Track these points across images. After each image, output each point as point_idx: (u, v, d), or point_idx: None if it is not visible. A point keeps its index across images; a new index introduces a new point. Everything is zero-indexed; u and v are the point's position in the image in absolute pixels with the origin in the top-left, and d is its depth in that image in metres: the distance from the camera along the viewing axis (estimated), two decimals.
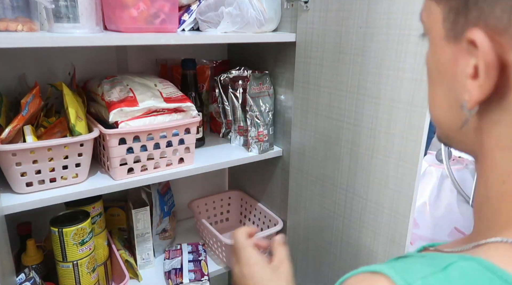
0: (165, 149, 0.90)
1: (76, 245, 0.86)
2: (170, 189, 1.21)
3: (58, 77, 1.00)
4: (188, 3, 0.95)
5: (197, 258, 1.12)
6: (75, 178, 0.82)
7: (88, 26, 0.74)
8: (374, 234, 0.90)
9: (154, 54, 1.15)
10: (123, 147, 0.84)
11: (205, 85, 1.19)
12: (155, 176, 0.90)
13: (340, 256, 1.01)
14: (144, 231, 1.07)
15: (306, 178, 1.06)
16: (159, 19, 0.81)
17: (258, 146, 1.06)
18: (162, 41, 0.80)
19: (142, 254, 1.09)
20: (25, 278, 0.82)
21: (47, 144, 0.76)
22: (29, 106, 0.78)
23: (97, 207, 0.95)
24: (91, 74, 1.02)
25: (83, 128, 0.80)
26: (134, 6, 0.77)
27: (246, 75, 1.10)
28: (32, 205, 0.76)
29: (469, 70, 0.30)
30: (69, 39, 0.70)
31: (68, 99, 0.80)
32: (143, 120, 0.86)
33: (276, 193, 1.19)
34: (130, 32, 0.78)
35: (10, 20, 0.71)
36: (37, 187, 0.78)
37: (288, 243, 1.19)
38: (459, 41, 0.31)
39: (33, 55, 0.97)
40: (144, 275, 1.07)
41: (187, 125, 0.92)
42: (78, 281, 0.89)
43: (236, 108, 1.10)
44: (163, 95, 0.90)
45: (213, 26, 0.93)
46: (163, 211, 1.13)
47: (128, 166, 0.86)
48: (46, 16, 0.75)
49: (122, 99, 0.85)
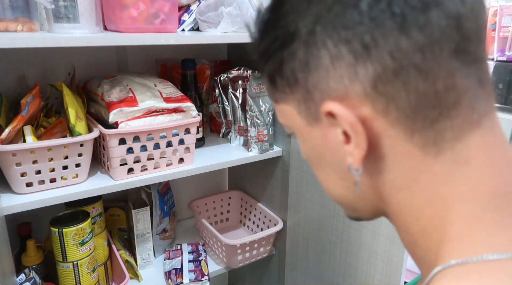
0: (165, 149, 0.90)
1: (76, 245, 0.86)
2: (170, 189, 1.21)
3: (58, 77, 1.00)
4: (188, 3, 0.95)
5: (197, 258, 1.12)
6: (75, 178, 0.82)
7: (88, 26, 0.74)
8: (374, 234, 0.90)
9: (154, 54, 1.15)
10: (123, 147, 0.84)
11: (205, 85, 1.19)
12: (155, 176, 0.90)
13: (340, 256, 1.01)
14: (144, 231, 1.07)
15: (306, 178, 1.06)
16: (159, 19, 0.81)
17: (258, 146, 1.06)
18: (162, 41, 0.79)
19: (142, 254, 1.09)
20: (25, 279, 0.82)
21: (47, 144, 0.76)
22: (29, 107, 0.78)
23: (97, 207, 0.95)
24: (91, 74, 1.02)
25: (83, 129, 0.80)
26: (134, 6, 0.77)
27: (246, 75, 1.10)
28: (32, 205, 0.76)
29: (341, 138, 0.33)
30: (69, 39, 0.70)
31: (68, 100, 0.80)
32: (143, 120, 0.86)
33: (276, 193, 1.19)
34: (130, 32, 0.78)
35: (10, 20, 0.70)
36: (37, 187, 0.78)
37: (288, 243, 1.19)
38: (320, 121, 0.35)
39: (33, 55, 0.97)
40: (144, 275, 1.07)
41: (187, 125, 0.92)
42: (78, 281, 0.89)
43: (236, 108, 1.10)
44: (163, 95, 0.90)
45: (213, 26, 0.93)
46: (163, 211, 1.13)
47: (128, 166, 0.86)
48: (46, 16, 0.75)
49: (122, 100, 0.85)
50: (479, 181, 0.31)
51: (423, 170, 0.32)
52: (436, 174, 0.32)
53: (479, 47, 0.31)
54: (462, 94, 0.31)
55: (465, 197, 0.31)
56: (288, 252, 1.19)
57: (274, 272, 1.28)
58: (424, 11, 0.29)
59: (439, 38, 0.29)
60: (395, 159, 0.33)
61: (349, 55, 0.31)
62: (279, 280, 1.27)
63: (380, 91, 0.31)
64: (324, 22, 0.31)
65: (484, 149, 0.32)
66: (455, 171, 0.32)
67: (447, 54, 0.30)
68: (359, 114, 0.32)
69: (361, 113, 0.32)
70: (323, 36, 0.31)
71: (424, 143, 0.32)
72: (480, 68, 0.31)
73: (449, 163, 0.32)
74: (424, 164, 0.32)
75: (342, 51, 0.31)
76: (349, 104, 0.32)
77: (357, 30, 0.30)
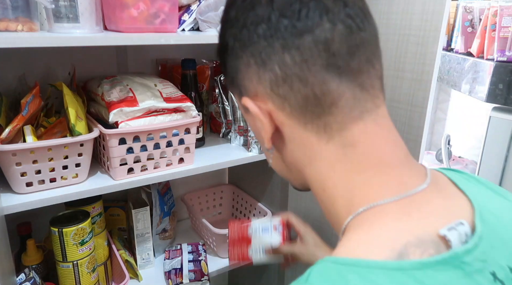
0: (165, 149, 0.90)
1: (76, 245, 0.86)
2: (170, 189, 1.21)
3: (58, 77, 1.00)
4: (188, 3, 0.95)
5: (197, 258, 1.12)
6: (75, 178, 0.82)
7: (88, 26, 0.74)
8: None
9: (154, 54, 1.15)
10: (123, 147, 0.84)
11: (205, 85, 1.19)
12: (155, 176, 0.90)
13: None
14: (144, 231, 1.07)
15: None
16: (159, 19, 0.81)
17: (258, 146, 1.06)
18: (162, 41, 0.79)
19: (142, 254, 1.09)
20: (25, 278, 0.82)
21: (47, 143, 0.76)
22: (29, 106, 0.78)
23: (97, 207, 0.95)
24: (91, 74, 1.02)
25: (83, 128, 0.80)
26: (134, 6, 0.77)
27: None
28: (32, 205, 0.76)
29: (259, 125, 0.44)
30: (69, 39, 0.70)
31: (68, 99, 0.80)
32: (143, 120, 0.86)
33: (276, 193, 1.19)
34: (130, 32, 0.78)
35: (10, 20, 0.70)
36: (37, 187, 0.78)
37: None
38: (249, 112, 0.45)
39: (33, 55, 0.97)
40: (144, 275, 1.07)
41: (187, 125, 0.92)
42: (78, 281, 0.89)
43: (236, 108, 1.10)
44: (163, 95, 0.90)
45: (213, 26, 0.93)
46: (163, 211, 1.13)
47: (128, 166, 0.86)
48: (46, 16, 0.75)
49: (122, 99, 0.85)
50: (364, 157, 0.41)
51: (319, 150, 0.42)
52: (331, 153, 0.42)
53: (352, 62, 0.39)
54: (337, 97, 0.40)
55: (356, 169, 0.41)
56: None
57: (274, 272, 1.28)
58: (299, 37, 0.38)
59: (310, 55, 0.39)
60: (296, 142, 0.44)
61: (255, 65, 0.42)
62: (279, 280, 1.27)
63: (276, 92, 0.41)
64: (239, 39, 0.42)
65: (367, 136, 0.41)
66: (345, 151, 0.41)
67: (319, 67, 0.39)
68: (266, 108, 0.43)
69: (267, 107, 0.43)
70: (239, 50, 0.42)
71: (317, 131, 0.42)
72: (359, 77, 0.40)
73: (339, 145, 0.41)
74: (319, 146, 0.42)
75: (250, 61, 0.42)
76: (259, 100, 0.43)
77: (257, 49, 0.41)
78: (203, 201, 1.36)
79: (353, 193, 0.41)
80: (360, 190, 0.41)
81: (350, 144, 0.41)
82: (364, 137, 0.41)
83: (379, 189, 0.40)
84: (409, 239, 0.36)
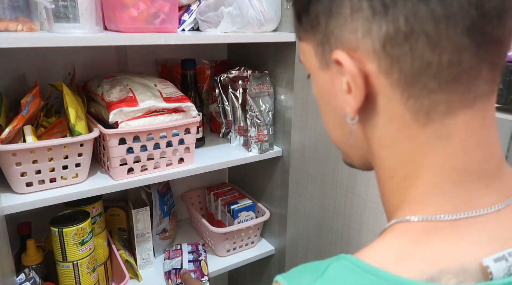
0: (165, 149, 0.90)
1: (76, 245, 0.86)
2: (170, 189, 1.21)
3: (58, 77, 1.00)
4: (188, 3, 0.95)
5: (197, 258, 1.12)
6: (75, 178, 0.82)
7: (88, 26, 0.74)
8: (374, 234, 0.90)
9: (154, 54, 1.15)
10: (123, 147, 0.84)
11: (205, 85, 1.19)
12: (155, 176, 0.90)
13: None
14: (144, 231, 1.07)
15: (306, 178, 1.06)
16: (159, 19, 0.81)
17: (258, 146, 1.06)
18: (162, 41, 0.80)
19: (142, 254, 1.09)
20: (25, 278, 0.82)
21: (47, 143, 0.76)
22: (29, 106, 0.78)
23: (97, 207, 0.95)
24: (91, 74, 1.02)
25: (83, 128, 0.80)
26: (134, 6, 0.77)
27: (246, 75, 1.10)
28: (32, 205, 0.76)
29: (344, 87, 0.35)
30: (69, 39, 0.70)
31: (68, 99, 0.80)
32: (143, 120, 0.86)
33: (276, 193, 1.19)
34: (130, 32, 0.78)
35: (10, 20, 0.71)
36: (37, 187, 0.78)
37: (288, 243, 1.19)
38: (331, 67, 0.36)
39: (33, 55, 0.97)
40: (144, 275, 1.07)
41: (187, 125, 0.92)
42: (78, 281, 0.89)
43: (236, 108, 1.10)
44: (163, 95, 0.90)
45: (213, 26, 0.93)
46: (163, 211, 1.13)
47: (128, 166, 0.86)
48: (46, 16, 0.75)
49: (122, 99, 0.85)
50: (452, 156, 0.33)
51: (408, 135, 0.34)
52: (419, 142, 0.34)
53: (498, 30, 0.31)
54: (464, 72, 0.31)
55: (435, 169, 0.34)
56: (288, 252, 1.19)
57: (274, 272, 1.28)
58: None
59: (456, 12, 0.29)
60: (387, 118, 0.35)
61: (368, 10, 0.32)
62: None
63: (388, 51, 0.32)
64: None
65: (468, 129, 0.33)
66: (436, 144, 0.33)
67: (460, 30, 0.30)
68: (364, 69, 0.33)
69: (366, 68, 0.33)
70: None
71: (417, 110, 0.33)
72: (495, 51, 0.32)
73: (433, 135, 0.33)
74: (411, 130, 0.34)
75: (362, 4, 0.32)
76: (357, 57, 0.33)
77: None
78: (203, 200, 1.35)
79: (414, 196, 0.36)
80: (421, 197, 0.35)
81: (446, 136, 0.33)
82: (464, 133, 0.33)
83: (441, 200, 0.34)
84: (449, 264, 0.31)
